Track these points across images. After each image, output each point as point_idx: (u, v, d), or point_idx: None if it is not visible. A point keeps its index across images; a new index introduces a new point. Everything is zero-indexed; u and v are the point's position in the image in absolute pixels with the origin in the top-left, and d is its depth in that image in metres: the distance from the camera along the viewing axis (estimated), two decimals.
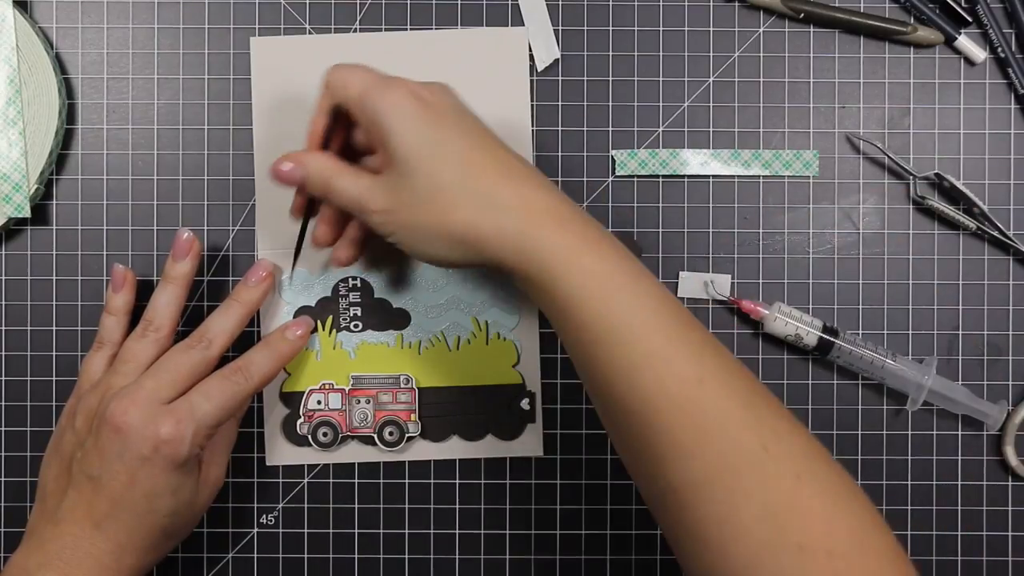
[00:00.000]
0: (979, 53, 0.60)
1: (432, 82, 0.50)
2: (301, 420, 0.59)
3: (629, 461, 0.48)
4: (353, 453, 0.60)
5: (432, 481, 0.60)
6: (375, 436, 0.59)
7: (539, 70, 0.60)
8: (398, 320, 0.60)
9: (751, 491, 0.43)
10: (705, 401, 0.44)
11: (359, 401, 0.59)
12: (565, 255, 0.46)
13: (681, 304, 0.47)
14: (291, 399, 0.59)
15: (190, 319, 0.59)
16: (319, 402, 0.59)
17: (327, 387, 0.59)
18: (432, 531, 0.60)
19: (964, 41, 0.60)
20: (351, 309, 0.60)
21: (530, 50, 0.60)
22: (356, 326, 0.60)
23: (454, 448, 0.60)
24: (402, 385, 0.59)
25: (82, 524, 0.50)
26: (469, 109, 0.51)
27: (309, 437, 0.59)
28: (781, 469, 0.43)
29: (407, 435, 0.59)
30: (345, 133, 0.54)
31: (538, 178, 0.49)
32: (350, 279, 0.60)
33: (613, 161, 0.60)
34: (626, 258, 0.47)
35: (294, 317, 0.59)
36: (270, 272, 0.57)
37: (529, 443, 0.60)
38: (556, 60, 0.60)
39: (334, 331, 0.60)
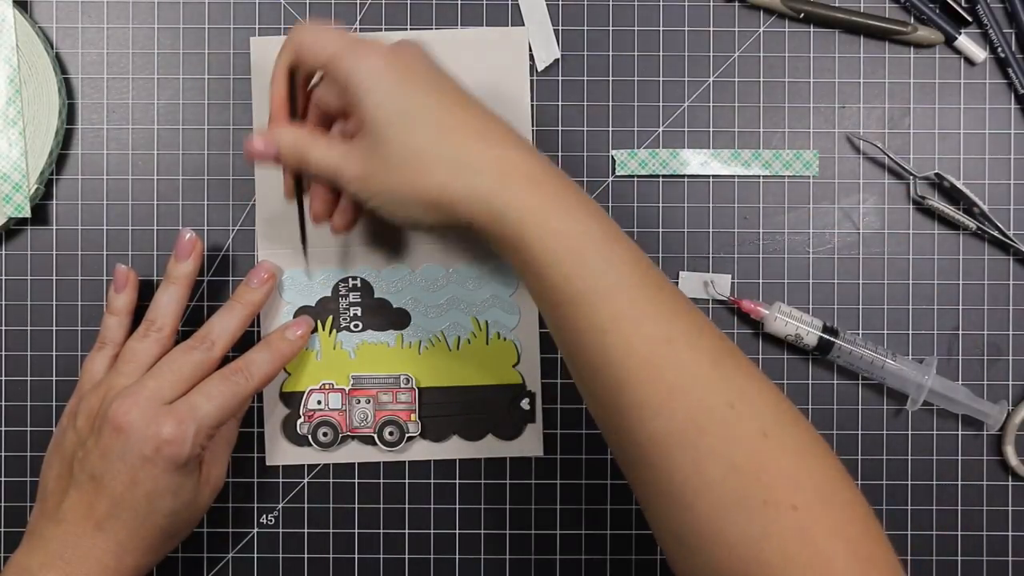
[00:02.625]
0: (979, 53, 0.60)
1: (405, 41, 0.50)
2: (301, 420, 0.59)
3: (600, 419, 0.48)
4: (353, 453, 0.60)
5: (432, 481, 0.60)
6: (375, 436, 0.59)
7: (539, 70, 0.60)
8: (398, 320, 0.60)
9: (716, 448, 0.43)
10: (673, 360, 0.44)
11: (359, 401, 0.59)
12: (535, 216, 0.46)
13: (654, 267, 0.47)
14: (291, 399, 0.59)
15: (190, 319, 0.59)
16: (319, 402, 0.59)
17: (327, 387, 0.59)
18: (432, 531, 0.60)
19: (964, 41, 0.60)
20: (351, 309, 0.60)
21: (530, 50, 0.60)
22: (356, 326, 0.60)
23: (454, 448, 0.60)
24: (402, 385, 0.59)
25: (83, 524, 0.50)
26: (443, 69, 0.50)
27: (309, 437, 0.59)
28: (747, 427, 0.43)
29: (407, 435, 0.59)
30: (307, 95, 0.53)
31: (514, 138, 0.49)
32: (350, 279, 0.60)
33: (613, 161, 0.60)
34: (600, 221, 0.47)
35: (294, 317, 0.59)
36: (272, 273, 0.58)
37: (529, 443, 0.60)
38: (556, 60, 0.60)
39: (334, 331, 0.60)
